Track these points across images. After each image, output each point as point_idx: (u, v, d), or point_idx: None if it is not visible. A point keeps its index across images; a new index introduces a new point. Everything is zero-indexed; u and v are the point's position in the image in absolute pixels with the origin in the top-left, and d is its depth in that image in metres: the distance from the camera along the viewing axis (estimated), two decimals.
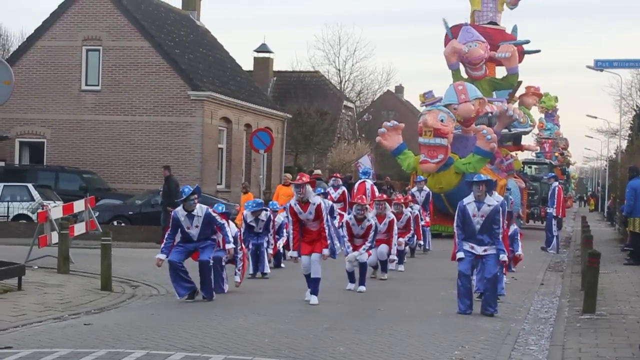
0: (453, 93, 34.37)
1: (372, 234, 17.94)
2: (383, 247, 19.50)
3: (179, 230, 15.82)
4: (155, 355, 10.47)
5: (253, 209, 20.23)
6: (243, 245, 18.45)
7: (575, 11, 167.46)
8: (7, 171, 37.54)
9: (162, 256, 15.75)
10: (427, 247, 27.00)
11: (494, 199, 15.30)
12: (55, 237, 21.36)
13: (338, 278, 17.32)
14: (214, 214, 15.96)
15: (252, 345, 11.33)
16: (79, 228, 23.38)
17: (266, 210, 20.66)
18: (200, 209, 15.83)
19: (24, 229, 29.83)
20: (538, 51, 40.35)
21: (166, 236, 15.95)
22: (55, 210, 23.39)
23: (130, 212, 33.30)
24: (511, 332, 13.42)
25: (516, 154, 41.46)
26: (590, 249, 17.66)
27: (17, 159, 41.29)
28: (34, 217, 30.90)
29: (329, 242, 15.74)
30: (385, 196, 20.94)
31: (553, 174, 33.71)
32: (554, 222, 29.94)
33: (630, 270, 22.60)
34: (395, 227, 20.11)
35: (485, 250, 14.93)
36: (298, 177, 16.38)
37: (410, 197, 25.46)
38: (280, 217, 21.25)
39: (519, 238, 21.41)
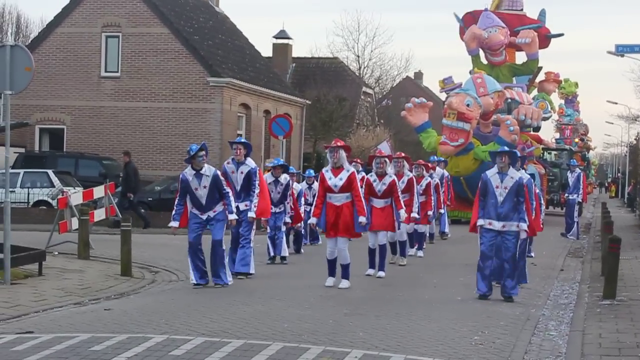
0: (472, 85, 34.26)
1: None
2: (402, 226, 19.31)
3: (188, 194, 15.58)
4: (175, 340, 10.50)
5: (274, 164, 19.93)
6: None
7: None
8: (27, 157, 37.68)
9: (175, 223, 15.57)
10: (444, 231, 26.88)
11: (519, 173, 15.07)
12: (75, 223, 21.45)
13: (357, 263, 17.30)
14: (221, 178, 15.78)
15: (271, 330, 11.34)
16: (99, 214, 23.46)
17: (288, 172, 20.38)
18: (208, 169, 15.62)
19: (44, 215, 29.96)
20: (561, 35, 40.17)
21: (176, 202, 15.71)
22: (75, 196, 23.48)
23: (149, 199, 33.37)
24: (531, 317, 13.39)
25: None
26: (611, 234, 17.60)
27: (37, 145, 41.45)
28: (54, 203, 31.00)
29: (365, 208, 15.64)
30: (403, 154, 20.53)
31: (575, 162, 33.58)
32: (576, 208, 29.86)
33: None
34: (416, 187, 19.93)
35: (504, 226, 14.67)
36: (333, 141, 16.23)
37: (430, 165, 25.23)
38: (298, 186, 21.22)
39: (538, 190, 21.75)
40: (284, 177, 19.73)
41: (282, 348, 10.20)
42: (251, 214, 16.82)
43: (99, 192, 23.89)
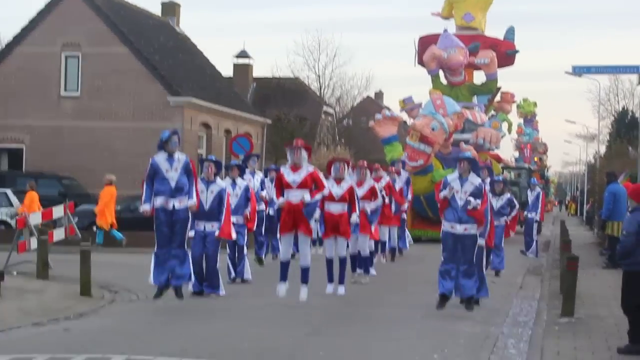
0: (431, 106, 34.40)
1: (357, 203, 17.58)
2: (362, 241, 19.29)
3: (155, 180, 15.50)
4: None
5: (231, 164, 19.67)
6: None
7: (553, 17, 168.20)
8: None
9: (147, 207, 15.46)
10: (404, 246, 26.76)
11: (478, 178, 15.36)
12: (34, 243, 21.31)
13: (318, 281, 17.31)
14: (192, 167, 15.75)
15: (232, 350, 11.34)
16: (58, 234, 23.32)
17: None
18: (181, 155, 15.66)
19: (3, 234, 29.69)
20: (517, 51, 40.46)
21: (144, 187, 15.61)
22: (34, 216, 23.32)
23: None
24: (490, 335, 13.46)
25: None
26: (569, 252, 17.75)
27: None
28: (12, 222, 30.79)
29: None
30: (366, 163, 20.51)
31: (535, 180, 33.78)
32: (535, 226, 30.06)
33: (608, 273, 22.72)
34: (378, 191, 20.02)
35: (465, 229, 14.99)
36: (295, 141, 16.28)
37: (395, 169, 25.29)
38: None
39: (516, 205, 22.46)
40: (240, 181, 19.27)
41: None
42: (217, 233, 16.77)
43: (58, 211, 23.74)
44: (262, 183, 21.72)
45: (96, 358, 10.54)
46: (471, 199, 14.99)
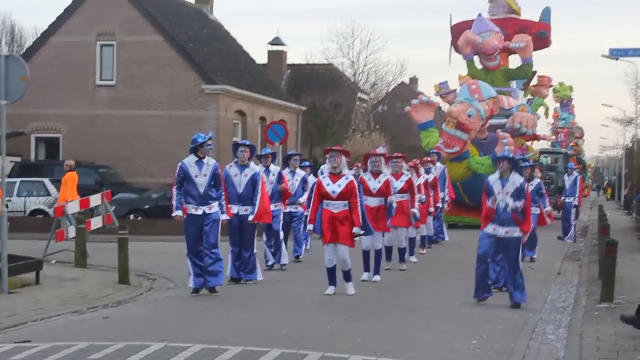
0: (467, 92, 34.26)
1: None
2: (400, 233, 19.30)
3: (185, 184, 15.39)
4: (173, 347, 10.49)
5: (263, 153, 19.37)
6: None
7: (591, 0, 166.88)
8: (24, 167, 37.68)
9: (179, 212, 15.38)
10: (443, 238, 26.88)
11: (519, 177, 14.85)
12: (72, 232, 21.44)
13: (354, 268, 17.29)
14: (220, 174, 15.62)
15: (269, 337, 11.34)
16: (96, 222, 23.44)
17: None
18: (209, 159, 15.55)
19: (41, 223, 29.90)
20: (545, 33, 40.11)
21: (174, 193, 15.47)
22: (72, 204, 23.46)
23: (146, 206, 33.40)
24: (529, 321, 13.39)
25: (532, 143, 41.33)
26: (608, 237, 17.61)
27: (34, 154, 41.46)
28: (50, 211, 30.99)
29: (360, 217, 15.27)
30: (400, 154, 20.51)
31: (573, 165, 33.55)
32: (572, 211, 29.87)
33: None
34: (415, 185, 19.96)
35: (507, 232, 14.46)
36: (334, 146, 16.16)
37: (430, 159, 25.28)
38: (313, 179, 21.02)
39: (544, 192, 22.19)
40: (274, 167, 19.32)
41: (280, 354, 10.20)
42: (250, 217, 16.83)
43: (95, 200, 23.87)
44: (305, 182, 21.22)
45: (135, 345, 10.57)
46: (510, 200, 14.45)
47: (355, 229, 15.29)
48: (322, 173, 16.11)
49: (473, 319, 13.27)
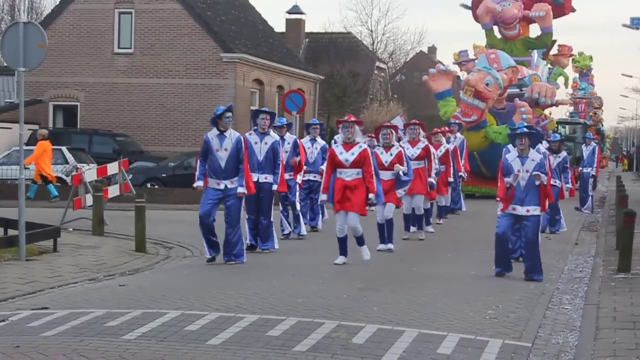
0: (485, 61, 34.10)
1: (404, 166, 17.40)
2: (418, 199, 19.26)
3: (208, 157, 15.35)
4: (189, 315, 10.53)
5: (279, 124, 19.04)
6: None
7: None
8: None
9: (200, 182, 15.35)
10: (460, 208, 26.84)
11: (538, 153, 14.66)
12: (89, 200, 21.50)
13: (370, 238, 17.30)
14: (243, 146, 15.45)
15: (285, 305, 11.36)
16: (113, 190, 23.49)
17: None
18: (233, 133, 15.42)
19: (59, 191, 30.00)
20: (574, 10, 39.93)
21: (198, 164, 15.51)
22: (89, 172, 23.53)
23: (163, 175, 33.46)
24: (545, 291, 13.38)
25: (550, 113, 41.14)
26: (625, 208, 17.55)
27: (51, 122, 41.52)
28: (68, 179, 31.07)
29: (375, 185, 15.29)
30: (418, 121, 20.39)
31: (591, 135, 33.38)
32: (590, 181, 29.78)
33: None
34: (433, 153, 19.92)
35: (528, 211, 14.23)
36: (346, 116, 16.09)
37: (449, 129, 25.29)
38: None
39: (568, 167, 22.22)
40: (289, 136, 19.27)
41: (296, 323, 10.22)
42: (275, 187, 16.85)
43: (112, 168, 23.92)
44: (324, 151, 21.11)
45: (152, 313, 10.61)
46: (538, 173, 14.13)
47: (371, 195, 15.26)
48: (335, 142, 16.02)
49: (489, 289, 13.26)
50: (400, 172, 17.40)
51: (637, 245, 17.03)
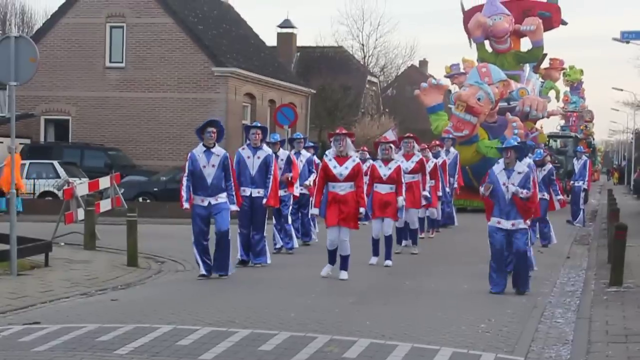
0: (477, 75, 34.17)
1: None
2: (412, 214, 19.25)
3: (193, 174, 15.22)
4: (181, 329, 10.51)
5: (273, 140, 19.11)
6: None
7: None
8: (33, 149, 37.73)
9: (186, 205, 15.20)
10: (453, 223, 26.77)
11: (524, 165, 14.53)
12: (81, 214, 21.47)
13: (363, 252, 17.30)
14: (229, 163, 15.39)
15: (278, 320, 11.35)
16: (105, 205, 23.47)
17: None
18: (219, 150, 15.38)
19: (50, 206, 29.98)
20: (565, 23, 40.06)
21: (184, 184, 15.27)
22: (81, 187, 23.50)
23: (155, 189, 33.43)
24: (538, 305, 13.38)
25: (541, 126, 41.19)
26: (617, 221, 17.57)
27: (43, 136, 41.49)
28: (60, 194, 31.05)
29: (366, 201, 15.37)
30: (412, 134, 20.49)
31: (582, 149, 33.44)
32: (582, 195, 29.82)
33: None
34: (426, 166, 19.93)
35: (513, 225, 14.14)
36: (337, 129, 16.08)
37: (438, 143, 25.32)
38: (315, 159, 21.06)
39: (555, 179, 22.17)
40: (282, 152, 19.32)
41: (288, 337, 10.20)
42: (264, 200, 16.83)
43: (104, 182, 23.90)
44: (310, 163, 21.17)
45: (143, 327, 10.58)
46: (518, 189, 14.04)
47: (362, 210, 15.28)
48: (326, 156, 15.99)
49: (482, 303, 13.26)
50: (402, 203, 17.49)
51: (629, 259, 17.06)
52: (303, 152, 21.34)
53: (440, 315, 12.14)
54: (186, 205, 15.29)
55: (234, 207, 15.48)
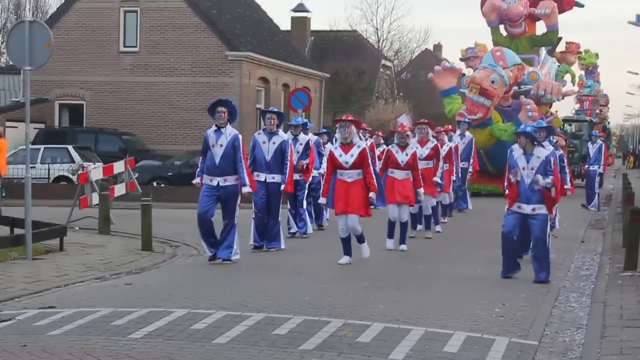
0: (491, 59, 34.05)
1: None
2: (426, 199, 19.20)
3: (206, 154, 15.25)
4: (196, 313, 10.53)
5: (295, 123, 19.35)
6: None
7: None
8: (47, 133, 37.85)
9: (198, 179, 15.31)
10: (466, 207, 26.70)
11: (544, 150, 14.16)
12: (95, 199, 21.51)
13: (377, 237, 17.29)
14: (240, 143, 15.22)
15: (292, 304, 11.36)
16: (119, 189, 23.51)
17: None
18: (230, 129, 15.25)
19: (65, 190, 30.04)
20: (582, 5, 39.87)
21: (200, 160, 15.46)
22: (95, 171, 23.54)
23: (169, 173, 33.48)
24: (552, 289, 13.36)
25: (556, 110, 41.03)
26: (632, 205, 17.52)
27: (57, 121, 41.56)
28: (74, 178, 31.12)
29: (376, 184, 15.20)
30: (427, 120, 20.39)
31: (597, 133, 33.28)
32: (597, 179, 29.73)
33: None
34: (440, 152, 19.86)
35: (533, 210, 13.89)
36: (344, 116, 15.98)
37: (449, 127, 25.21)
38: (330, 146, 20.90)
39: (566, 166, 21.28)
40: (302, 137, 19.36)
41: (302, 321, 10.22)
42: (282, 187, 16.82)
43: (119, 167, 23.93)
44: (318, 145, 21.05)
45: (158, 312, 10.61)
46: (539, 177, 13.78)
47: (372, 194, 15.12)
48: (333, 144, 15.91)
49: (496, 287, 13.25)
50: (421, 196, 17.57)
51: None
52: (301, 135, 20.86)
53: (453, 299, 12.14)
54: (196, 180, 15.41)
55: (247, 189, 15.33)
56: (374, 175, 15.35)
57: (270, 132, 17.02)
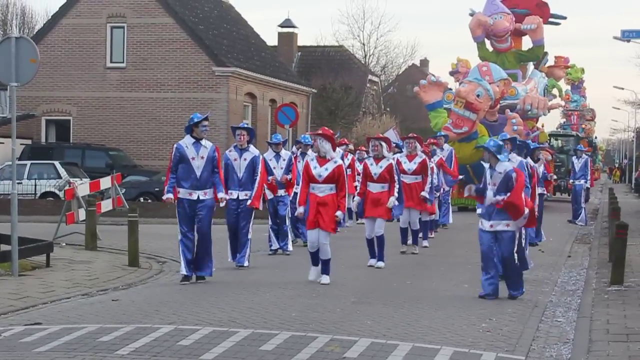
0: (477, 74, 34.15)
1: (396, 185, 17.03)
2: (414, 214, 19.13)
3: (180, 166, 14.83)
4: (183, 330, 10.52)
5: (276, 141, 19.21)
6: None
7: None
8: (34, 149, 37.78)
9: (169, 195, 14.88)
10: (446, 222, 26.40)
11: (506, 164, 13.63)
12: (82, 214, 21.48)
13: (363, 251, 17.30)
14: (218, 157, 14.98)
15: (279, 320, 11.35)
16: (106, 205, 23.49)
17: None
18: (207, 142, 14.98)
19: (52, 206, 30.01)
20: (564, 17, 40.03)
21: (169, 175, 15.00)
22: (82, 187, 23.51)
23: (156, 189, 33.36)
24: (538, 304, 13.38)
25: (542, 126, 41.14)
26: (618, 220, 17.56)
27: (44, 137, 41.53)
28: (61, 194, 31.07)
29: (346, 204, 14.98)
30: (415, 135, 20.19)
31: (583, 147, 33.38)
32: (583, 194, 29.81)
33: None
34: (429, 167, 19.56)
35: (491, 226, 13.37)
36: (320, 129, 15.86)
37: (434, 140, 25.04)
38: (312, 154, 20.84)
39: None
40: (284, 153, 19.26)
41: (289, 337, 10.21)
42: (249, 202, 16.64)
43: (105, 183, 23.91)
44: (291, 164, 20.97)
45: (144, 328, 10.59)
46: (490, 194, 13.34)
47: (339, 213, 14.78)
48: (309, 156, 15.80)
49: (482, 302, 13.26)
50: (394, 203, 17.13)
51: (630, 257, 17.08)
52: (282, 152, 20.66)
53: (440, 314, 12.14)
54: (168, 195, 14.91)
55: (223, 195, 15.08)
56: (346, 196, 15.03)
57: (241, 149, 16.91)
